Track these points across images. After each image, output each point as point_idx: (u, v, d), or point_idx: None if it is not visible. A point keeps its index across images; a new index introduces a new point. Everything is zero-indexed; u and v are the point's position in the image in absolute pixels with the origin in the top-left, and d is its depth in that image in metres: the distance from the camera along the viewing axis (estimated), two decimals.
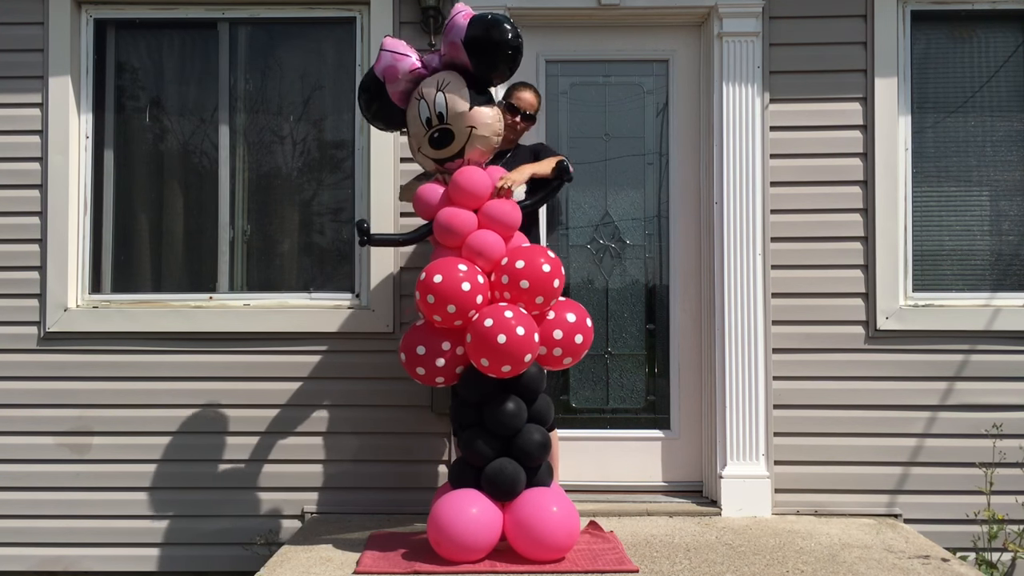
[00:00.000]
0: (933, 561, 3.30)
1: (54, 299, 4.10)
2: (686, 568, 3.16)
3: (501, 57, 3.21)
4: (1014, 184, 4.20)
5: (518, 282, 3.14)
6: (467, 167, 3.31)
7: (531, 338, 3.07)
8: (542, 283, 3.14)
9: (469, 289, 3.12)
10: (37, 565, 4.06)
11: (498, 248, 3.24)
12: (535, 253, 3.19)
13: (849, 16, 4.08)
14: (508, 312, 3.08)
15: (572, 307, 3.30)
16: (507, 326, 3.03)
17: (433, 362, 3.22)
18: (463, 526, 3.07)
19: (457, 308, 3.12)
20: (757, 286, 4.01)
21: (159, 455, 4.07)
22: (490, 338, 3.03)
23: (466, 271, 3.14)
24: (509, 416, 3.18)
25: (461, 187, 3.26)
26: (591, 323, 3.31)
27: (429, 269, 3.16)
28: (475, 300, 3.14)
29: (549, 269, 3.15)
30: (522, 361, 3.07)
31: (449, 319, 3.16)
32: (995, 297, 4.11)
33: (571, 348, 3.24)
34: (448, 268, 3.14)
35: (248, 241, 4.27)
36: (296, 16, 4.23)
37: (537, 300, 3.16)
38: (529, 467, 3.20)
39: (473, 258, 3.23)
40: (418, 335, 3.26)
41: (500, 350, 3.03)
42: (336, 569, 3.16)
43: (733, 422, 3.98)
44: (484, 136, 3.30)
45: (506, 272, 3.18)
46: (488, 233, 3.25)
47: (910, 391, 4.02)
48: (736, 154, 4.04)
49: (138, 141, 4.31)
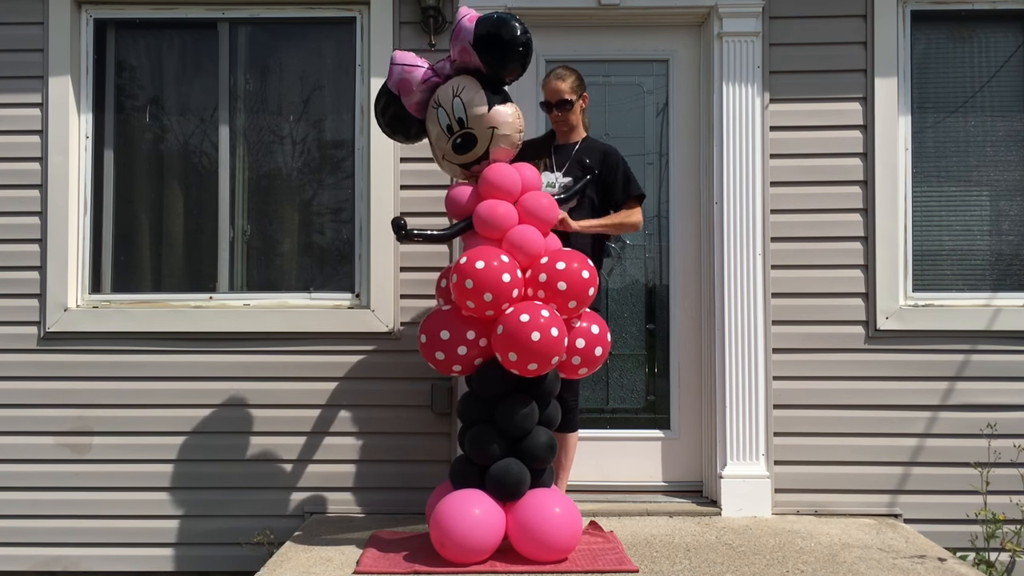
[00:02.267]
0: (933, 561, 3.30)
1: (54, 299, 4.10)
2: (686, 568, 3.16)
3: (511, 55, 3.20)
4: (1014, 184, 4.20)
5: (556, 283, 3.12)
6: (495, 164, 3.30)
7: (562, 341, 3.07)
8: (579, 288, 3.13)
9: (509, 281, 3.10)
10: (37, 565, 4.06)
11: (539, 243, 3.22)
12: (576, 257, 3.18)
13: (849, 16, 4.08)
14: (545, 311, 3.07)
15: (596, 319, 3.32)
16: (543, 325, 3.02)
17: (455, 349, 3.20)
18: (467, 527, 3.06)
19: (494, 297, 3.09)
20: (757, 286, 4.01)
21: (159, 455, 4.07)
22: (523, 334, 3.02)
23: (507, 262, 3.13)
24: (523, 417, 3.17)
25: (491, 183, 3.25)
26: (610, 337, 3.33)
27: (471, 254, 3.13)
28: (511, 293, 3.12)
29: (588, 276, 3.15)
30: (549, 362, 3.07)
31: (482, 308, 3.12)
32: (995, 297, 4.11)
33: (590, 359, 3.26)
34: (491, 256, 3.12)
35: (248, 241, 4.27)
36: (296, 16, 4.23)
37: (570, 304, 3.14)
38: (535, 469, 3.21)
39: (513, 252, 3.21)
40: (443, 319, 3.24)
41: (531, 348, 3.02)
42: (336, 569, 3.16)
43: (733, 422, 3.98)
44: (506, 135, 3.29)
45: (545, 271, 3.16)
46: (529, 228, 3.24)
47: (910, 391, 4.02)
48: (736, 154, 4.03)
49: (138, 141, 4.31)
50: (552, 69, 3.69)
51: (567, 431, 3.59)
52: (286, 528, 3.96)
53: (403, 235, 3.33)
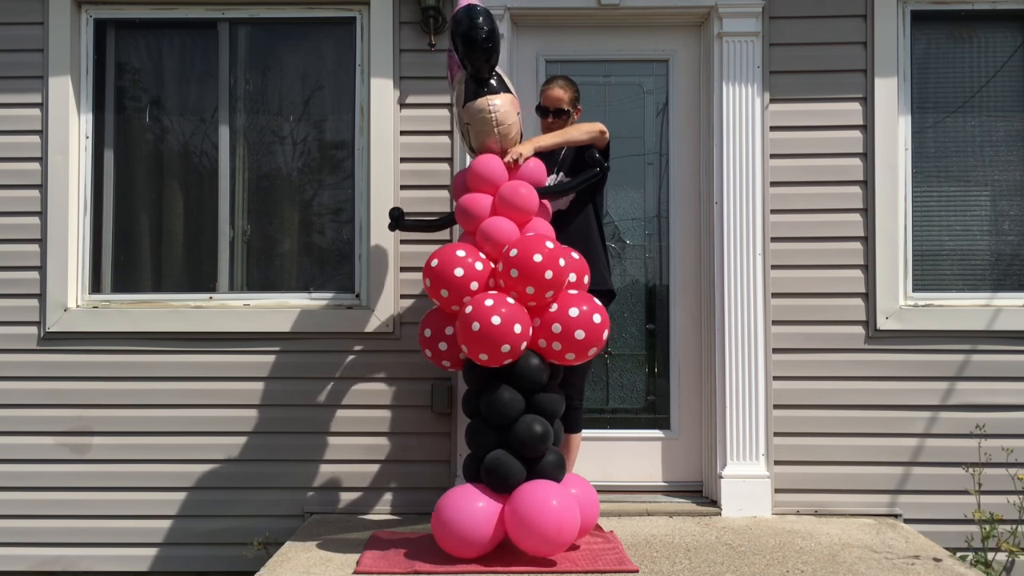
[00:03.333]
0: (932, 561, 3.30)
1: (54, 299, 4.10)
2: (686, 568, 3.16)
3: (474, 49, 3.26)
4: (1014, 184, 4.20)
5: (509, 270, 3.11)
6: (482, 155, 3.36)
7: (508, 329, 3.03)
8: (532, 273, 3.06)
9: (461, 275, 3.16)
10: (36, 565, 4.06)
11: (505, 233, 3.23)
12: (532, 241, 3.11)
13: (849, 16, 4.08)
14: (488, 300, 3.08)
15: (581, 302, 3.16)
16: (482, 314, 3.04)
17: (436, 345, 3.35)
18: (464, 519, 3.06)
19: (450, 293, 3.18)
20: (757, 286, 4.01)
21: (159, 455, 4.07)
22: (467, 324, 3.06)
23: (463, 256, 3.18)
24: (502, 404, 3.15)
25: (475, 172, 3.33)
26: (600, 319, 3.16)
27: (435, 253, 3.24)
28: (469, 286, 3.16)
29: (540, 259, 3.05)
30: (498, 351, 3.05)
31: (446, 303, 3.25)
32: (995, 297, 4.11)
33: (572, 344, 3.13)
34: (445, 253, 3.22)
35: (248, 241, 4.27)
36: (296, 16, 4.23)
37: (528, 290, 3.09)
38: (528, 458, 3.17)
39: (482, 244, 3.25)
40: (430, 318, 3.40)
41: (475, 337, 3.04)
42: (336, 569, 3.16)
43: (733, 422, 3.98)
44: (480, 130, 3.35)
45: (502, 259, 3.17)
46: (499, 219, 3.26)
47: (910, 391, 4.02)
48: (736, 154, 4.03)
49: (138, 141, 4.31)
50: (553, 78, 3.72)
51: (570, 431, 3.58)
52: (286, 528, 3.96)
53: (393, 225, 3.54)
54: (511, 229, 3.25)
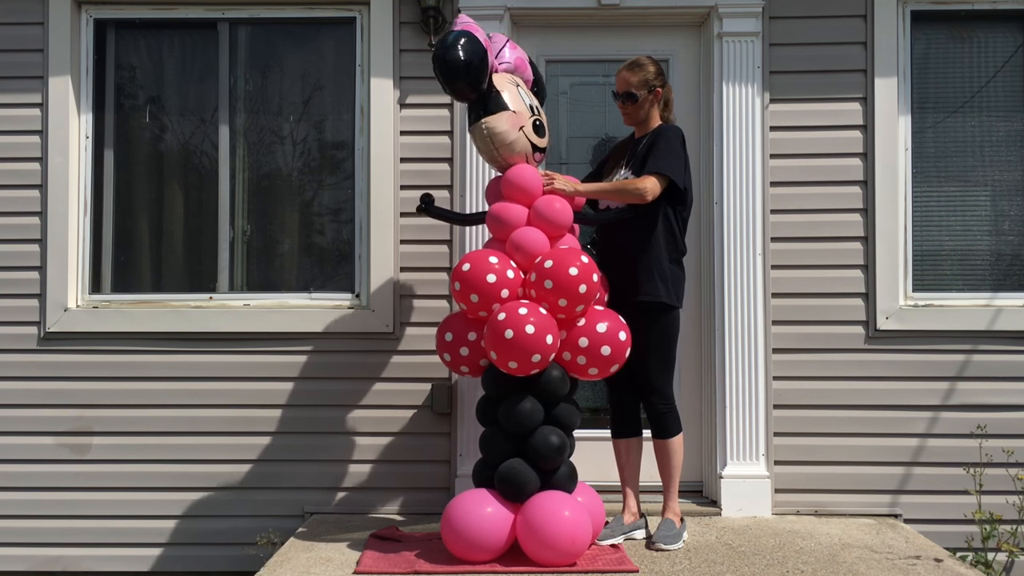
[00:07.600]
0: (932, 561, 3.30)
1: (54, 299, 4.10)
2: (686, 568, 3.16)
3: (442, 78, 3.23)
4: (1014, 184, 4.19)
5: (543, 281, 3.11)
6: (517, 165, 3.33)
7: (541, 338, 3.03)
8: (567, 285, 3.07)
9: (494, 281, 3.12)
10: (36, 565, 4.06)
11: (537, 245, 3.22)
12: (567, 254, 3.13)
13: (849, 16, 4.08)
14: (523, 309, 3.06)
15: (607, 318, 3.22)
16: (517, 322, 3.02)
17: (458, 350, 3.31)
18: (474, 524, 3.06)
19: (480, 298, 3.14)
20: (757, 286, 4.01)
21: (159, 455, 4.07)
22: (499, 332, 3.03)
23: (495, 263, 3.15)
24: (523, 415, 3.14)
25: (509, 181, 3.30)
26: (625, 336, 3.20)
27: (465, 257, 3.21)
28: (499, 293, 3.14)
29: (576, 272, 3.06)
30: (529, 360, 3.05)
31: (474, 308, 3.19)
32: (996, 297, 4.11)
33: (597, 359, 3.17)
34: (478, 258, 3.18)
35: (248, 241, 4.27)
36: (296, 16, 4.23)
37: (560, 303, 3.10)
38: (544, 469, 3.16)
39: (512, 253, 3.23)
40: (451, 322, 3.37)
41: (506, 345, 3.02)
42: (336, 569, 3.16)
43: (733, 422, 3.98)
44: (483, 150, 3.37)
45: (536, 270, 3.16)
46: (531, 230, 3.25)
47: (910, 391, 4.02)
48: (736, 154, 4.03)
49: (138, 141, 4.31)
50: (636, 58, 3.54)
51: (662, 437, 3.52)
52: (286, 528, 3.96)
53: (422, 207, 3.54)
54: (543, 241, 3.24)
